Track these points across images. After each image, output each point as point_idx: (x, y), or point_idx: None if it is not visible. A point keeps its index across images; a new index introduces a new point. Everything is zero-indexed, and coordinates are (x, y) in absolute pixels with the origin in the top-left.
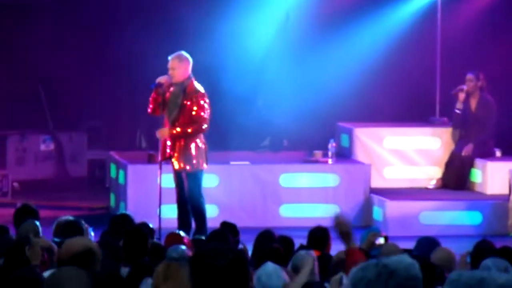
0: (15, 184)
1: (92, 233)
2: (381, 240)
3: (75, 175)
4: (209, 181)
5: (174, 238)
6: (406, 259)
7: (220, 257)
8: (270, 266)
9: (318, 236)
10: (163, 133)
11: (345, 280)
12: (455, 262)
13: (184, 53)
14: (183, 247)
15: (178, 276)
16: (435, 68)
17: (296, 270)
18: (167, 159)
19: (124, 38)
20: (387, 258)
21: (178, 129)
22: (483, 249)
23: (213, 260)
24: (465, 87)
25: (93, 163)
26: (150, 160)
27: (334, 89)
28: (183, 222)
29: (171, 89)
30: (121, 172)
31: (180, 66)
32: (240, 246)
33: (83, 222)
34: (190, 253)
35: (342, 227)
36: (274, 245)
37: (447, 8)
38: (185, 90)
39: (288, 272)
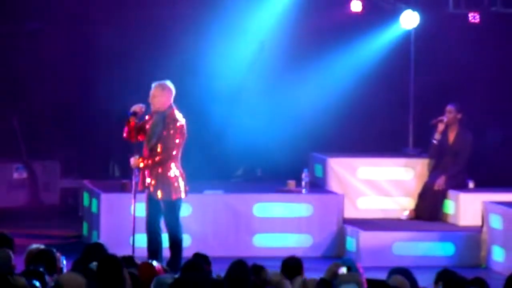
0: None
1: (64, 262)
2: (343, 270)
3: (48, 204)
4: (182, 210)
5: (148, 269)
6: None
7: (199, 286)
8: None
9: (291, 266)
10: (135, 162)
11: None
12: None
13: (168, 82)
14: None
15: None
16: (409, 99)
17: None
18: (144, 189)
19: (100, 65)
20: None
21: (149, 161)
22: (452, 280)
23: None
24: (445, 119)
25: (66, 191)
26: (124, 189)
27: (308, 119)
28: (153, 252)
29: (152, 118)
30: (94, 201)
31: (162, 94)
32: (214, 276)
33: (54, 250)
34: None
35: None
36: (251, 277)
37: (420, 40)
38: (165, 119)
39: None
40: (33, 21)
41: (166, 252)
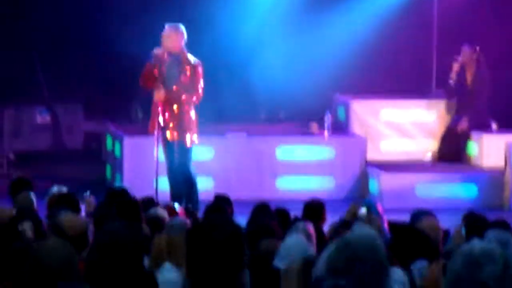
0: (11, 156)
1: (93, 202)
2: (363, 210)
3: (71, 147)
4: (205, 153)
5: (170, 211)
6: (363, 230)
7: (218, 230)
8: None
9: (313, 209)
10: (160, 94)
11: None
12: (440, 232)
13: (180, 25)
14: (182, 219)
15: (181, 249)
16: (432, 41)
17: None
18: (161, 129)
19: (120, 12)
20: (351, 233)
21: (175, 93)
22: (475, 221)
23: (210, 233)
24: (460, 58)
25: (89, 134)
26: (148, 131)
27: (331, 61)
28: (176, 194)
29: (166, 60)
30: (117, 144)
31: (176, 35)
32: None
33: (87, 193)
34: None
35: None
36: (271, 222)
37: None
38: (181, 61)
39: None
40: None
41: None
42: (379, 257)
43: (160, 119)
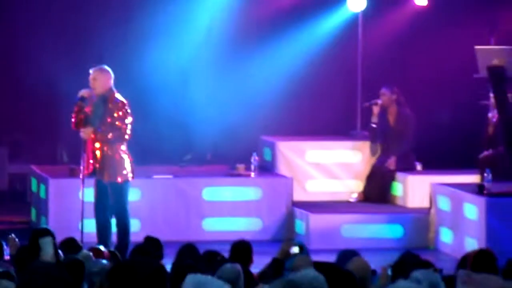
0: None
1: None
2: (295, 250)
3: None
4: (132, 195)
5: (96, 253)
6: (311, 272)
7: (139, 270)
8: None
9: (240, 250)
10: (87, 132)
11: None
12: (369, 272)
13: (106, 66)
14: (104, 261)
15: None
16: (356, 82)
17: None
18: (91, 173)
19: (42, 52)
20: (294, 273)
21: (101, 133)
22: (406, 261)
23: (132, 273)
24: (379, 101)
25: (14, 177)
26: (72, 174)
27: (257, 103)
28: (102, 236)
29: (93, 101)
30: (42, 186)
31: (102, 76)
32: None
33: (11, 235)
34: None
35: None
36: (198, 262)
37: (368, 22)
38: (107, 101)
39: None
40: None
41: (115, 237)
42: None
43: (91, 161)
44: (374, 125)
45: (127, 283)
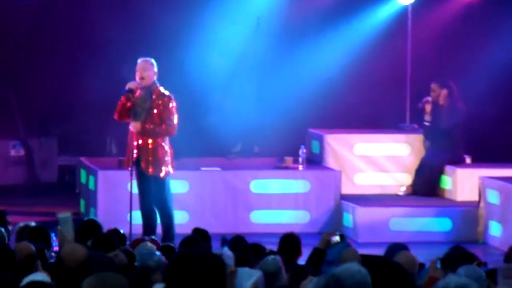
0: None
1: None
2: (337, 238)
3: (45, 181)
4: (180, 187)
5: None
6: (354, 266)
7: (201, 262)
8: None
9: (289, 243)
10: (136, 126)
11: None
12: (417, 266)
13: (152, 59)
14: (158, 253)
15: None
16: (406, 75)
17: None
18: (135, 163)
19: (96, 43)
20: (338, 266)
21: (151, 126)
22: (455, 255)
23: (194, 266)
24: (430, 98)
25: (63, 168)
26: (121, 166)
27: (305, 96)
28: (148, 228)
29: (138, 93)
30: (91, 178)
31: (151, 69)
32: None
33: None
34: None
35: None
36: (246, 255)
37: (417, 14)
38: (152, 94)
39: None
40: None
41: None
42: None
43: (134, 153)
44: (427, 123)
45: (189, 276)
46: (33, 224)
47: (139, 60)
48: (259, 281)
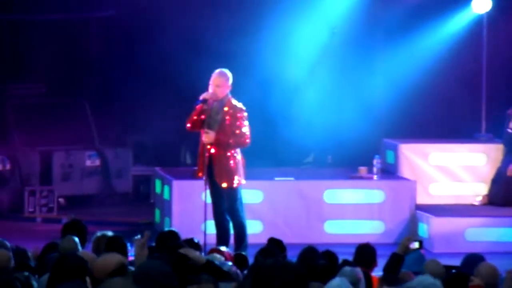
0: (61, 200)
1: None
2: (416, 245)
3: (120, 191)
4: (254, 197)
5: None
6: (428, 279)
7: (284, 272)
8: (335, 281)
9: (365, 253)
10: (209, 136)
11: None
12: (499, 277)
13: (226, 70)
14: (230, 263)
15: None
16: (481, 84)
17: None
18: (207, 173)
19: (171, 55)
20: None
21: (223, 137)
22: None
23: (279, 275)
24: None
25: (138, 178)
26: (195, 176)
27: (379, 105)
28: (221, 238)
29: (211, 104)
30: (166, 188)
31: (225, 83)
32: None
33: (137, 236)
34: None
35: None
36: (320, 261)
37: (493, 24)
38: (224, 106)
39: None
40: (104, 9)
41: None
42: None
43: (207, 163)
44: (510, 130)
45: (272, 284)
46: (110, 233)
47: (215, 72)
48: None
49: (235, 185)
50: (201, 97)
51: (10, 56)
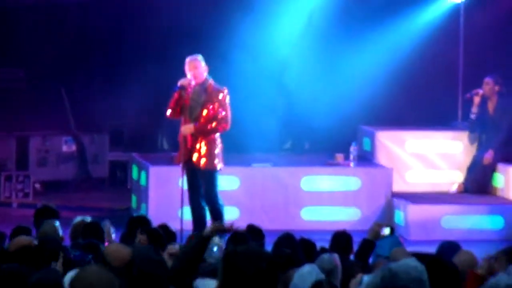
0: (37, 185)
1: (113, 235)
2: (386, 231)
3: (96, 176)
4: (230, 183)
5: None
6: (411, 262)
7: (257, 260)
8: (305, 268)
9: (342, 240)
10: (188, 128)
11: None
12: (477, 265)
13: (200, 56)
14: (215, 249)
15: None
16: (458, 72)
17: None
18: (185, 161)
19: (146, 39)
20: (394, 262)
21: (202, 125)
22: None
23: (247, 264)
24: (481, 91)
25: (115, 164)
26: (172, 162)
27: (356, 92)
28: (198, 223)
29: (191, 90)
30: (143, 174)
31: (199, 65)
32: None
33: (107, 222)
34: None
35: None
36: (296, 252)
37: (469, 12)
38: (207, 89)
39: None
40: None
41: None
42: None
43: (186, 148)
44: (473, 116)
45: (241, 273)
46: (88, 219)
47: (187, 59)
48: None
49: (213, 169)
50: (178, 83)
51: None
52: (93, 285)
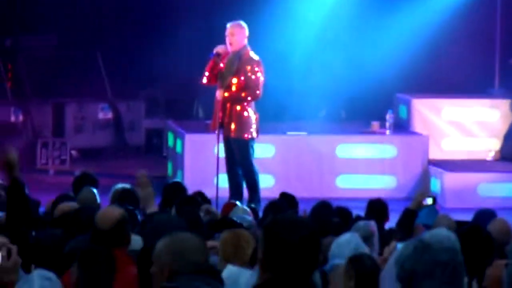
0: (73, 152)
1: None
2: (429, 201)
3: (132, 144)
4: (266, 151)
5: (230, 208)
6: (442, 232)
7: (297, 230)
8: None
9: (377, 208)
10: (220, 95)
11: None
12: (510, 234)
13: (242, 22)
14: (249, 217)
15: (248, 245)
16: (495, 39)
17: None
18: (220, 127)
19: (186, 10)
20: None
21: (236, 91)
22: None
23: (289, 232)
24: None
25: (150, 131)
26: (207, 129)
27: (393, 60)
28: (235, 191)
29: (227, 57)
30: (179, 141)
31: (240, 33)
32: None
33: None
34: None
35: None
36: (334, 219)
37: None
38: (241, 58)
39: None
40: None
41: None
42: (459, 260)
43: (220, 117)
44: None
45: (284, 242)
46: (128, 186)
47: (229, 25)
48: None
49: (246, 138)
50: (214, 50)
51: (21, 9)
52: (185, 250)
